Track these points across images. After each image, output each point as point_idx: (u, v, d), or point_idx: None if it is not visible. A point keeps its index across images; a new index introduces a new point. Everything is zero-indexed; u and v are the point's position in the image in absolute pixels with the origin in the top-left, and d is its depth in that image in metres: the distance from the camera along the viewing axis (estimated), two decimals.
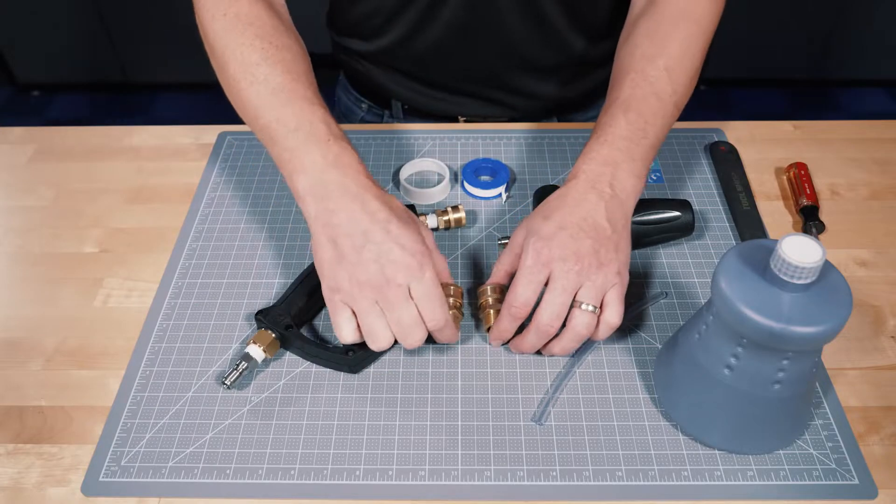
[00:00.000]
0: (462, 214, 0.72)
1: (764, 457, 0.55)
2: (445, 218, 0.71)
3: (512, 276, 0.60)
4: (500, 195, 0.76)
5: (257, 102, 0.62)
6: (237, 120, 0.69)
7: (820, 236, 0.73)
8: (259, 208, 0.76)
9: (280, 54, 0.63)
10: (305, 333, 0.63)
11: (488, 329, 0.63)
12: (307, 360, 0.62)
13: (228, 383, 0.58)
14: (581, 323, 0.57)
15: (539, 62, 0.85)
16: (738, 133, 0.85)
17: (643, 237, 0.68)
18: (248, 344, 0.60)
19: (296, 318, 0.62)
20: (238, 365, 0.59)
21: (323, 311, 0.66)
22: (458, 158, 0.81)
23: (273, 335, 0.60)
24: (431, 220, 0.71)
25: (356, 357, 0.60)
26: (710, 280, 0.68)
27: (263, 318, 0.62)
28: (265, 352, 0.60)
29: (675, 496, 0.53)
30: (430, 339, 0.60)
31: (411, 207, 0.71)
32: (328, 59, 0.96)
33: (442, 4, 0.78)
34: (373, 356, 0.61)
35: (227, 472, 0.55)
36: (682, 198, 0.76)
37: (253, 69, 0.62)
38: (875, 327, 0.65)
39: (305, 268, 0.66)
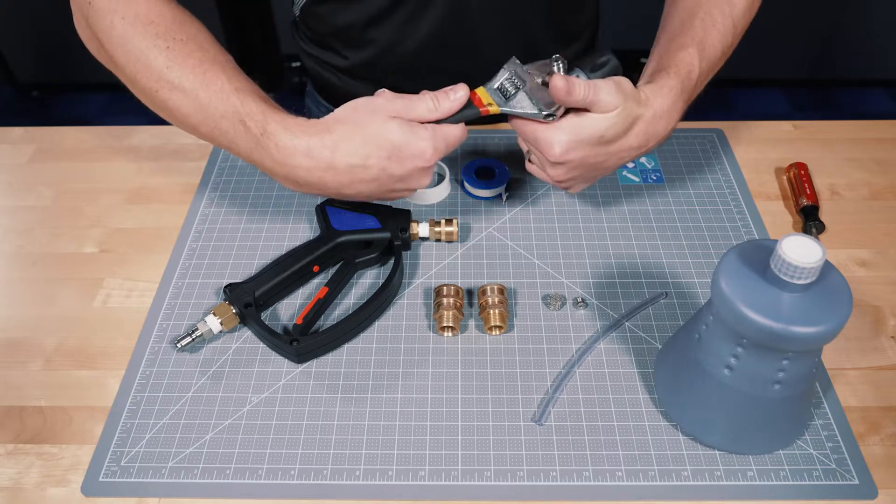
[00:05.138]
0: (455, 229, 0.70)
1: (764, 457, 0.55)
2: (437, 230, 0.70)
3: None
4: (500, 195, 0.76)
5: (183, 115, 0.61)
6: None
7: (820, 236, 0.73)
8: (259, 208, 0.76)
9: (186, 49, 0.61)
10: (272, 313, 0.66)
11: (488, 329, 0.63)
12: (261, 341, 0.63)
13: (180, 346, 0.61)
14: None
15: None
16: (738, 133, 0.85)
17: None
18: (209, 313, 0.62)
19: (262, 297, 0.64)
20: (193, 332, 0.61)
21: (293, 293, 0.67)
22: (458, 158, 0.81)
23: (233, 310, 0.63)
24: (423, 230, 0.71)
25: (300, 347, 0.60)
26: (710, 280, 0.68)
27: (230, 292, 0.63)
28: (222, 324, 0.62)
29: (675, 496, 0.53)
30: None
31: (406, 212, 0.71)
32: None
33: (421, 17, 0.77)
34: (319, 349, 0.62)
35: (227, 472, 0.55)
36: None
37: (165, 74, 0.60)
38: (875, 327, 0.65)
39: (285, 251, 0.68)
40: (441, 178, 0.78)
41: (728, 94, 2.30)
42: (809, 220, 0.73)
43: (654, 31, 0.72)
